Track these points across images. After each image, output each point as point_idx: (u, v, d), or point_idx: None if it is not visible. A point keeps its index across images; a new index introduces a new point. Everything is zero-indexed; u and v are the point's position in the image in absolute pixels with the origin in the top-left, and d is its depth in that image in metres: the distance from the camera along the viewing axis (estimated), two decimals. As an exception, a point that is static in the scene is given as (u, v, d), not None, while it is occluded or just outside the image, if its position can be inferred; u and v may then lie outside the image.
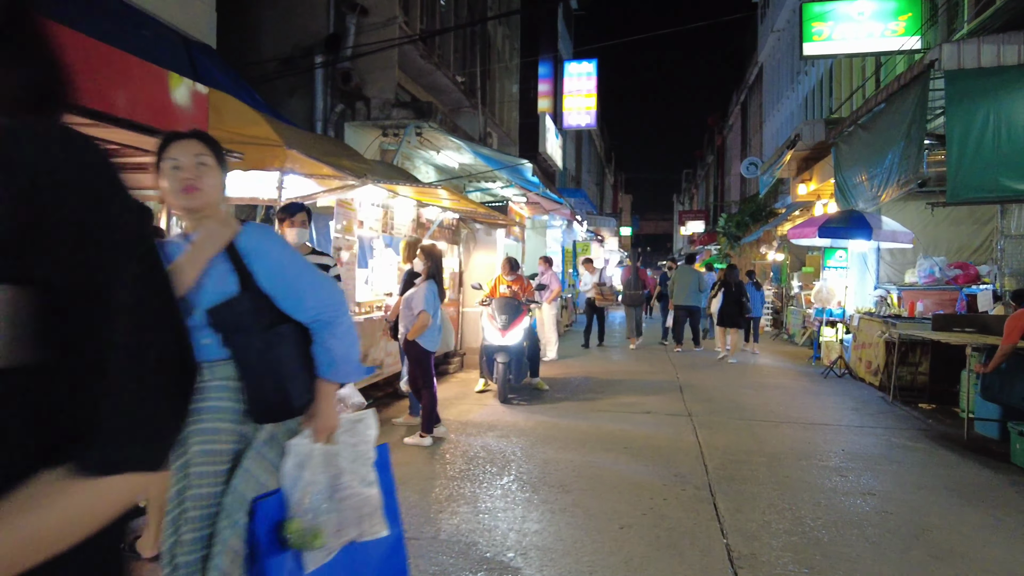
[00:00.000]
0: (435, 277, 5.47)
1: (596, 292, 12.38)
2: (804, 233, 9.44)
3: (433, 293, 5.38)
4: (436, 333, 5.45)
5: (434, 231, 8.51)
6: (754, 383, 8.95)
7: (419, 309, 5.33)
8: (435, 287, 5.43)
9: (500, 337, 7.24)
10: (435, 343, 5.49)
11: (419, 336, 5.34)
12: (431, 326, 5.38)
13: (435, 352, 5.58)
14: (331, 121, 11.41)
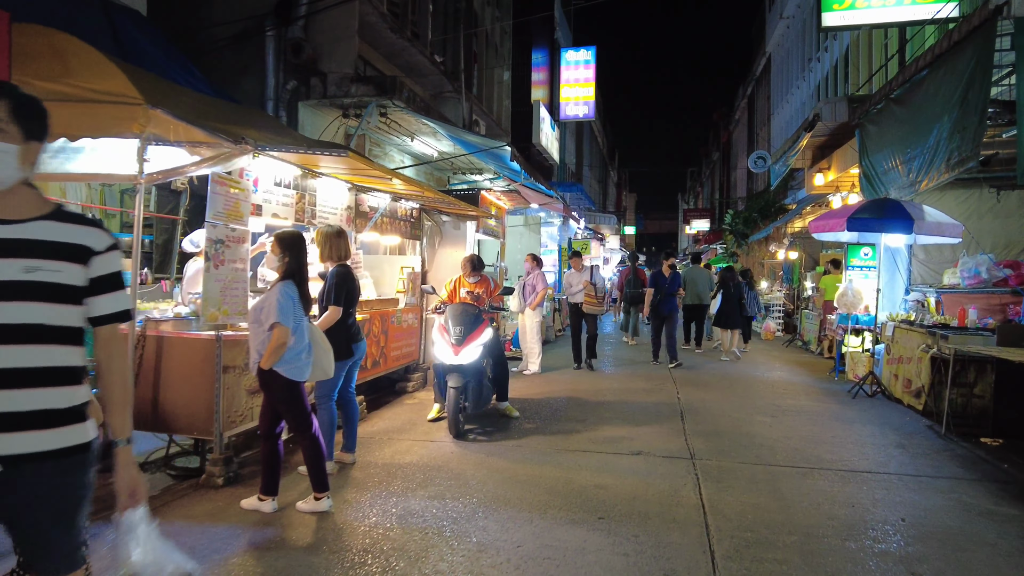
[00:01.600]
0: (295, 276, 3.96)
1: (586, 296, 9.85)
2: (829, 226, 7.95)
3: (290, 298, 3.85)
4: (303, 353, 3.95)
5: (378, 222, 7.03)
6: (770, 406, 7.44)
7: (271, 321, 3.78)
8: (293, 289, 3.90)
9: (452, 355, 5.75)
10: (303, 368, 3.96)
11: (277, 361, 3.83)
12: (294, 345, 3.87)
13: (305, 381, 4.04)
14: (283, 100, 9.99)
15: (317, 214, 5.70)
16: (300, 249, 3.99)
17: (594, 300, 9.93)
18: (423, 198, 7.14)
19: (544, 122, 22.01)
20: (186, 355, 4.54)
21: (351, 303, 4.66)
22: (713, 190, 58.94)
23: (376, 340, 7.00)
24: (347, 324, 4.66)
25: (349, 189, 6.31)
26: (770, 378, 9.52)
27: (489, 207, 9.11)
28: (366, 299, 7.01)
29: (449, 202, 7.08)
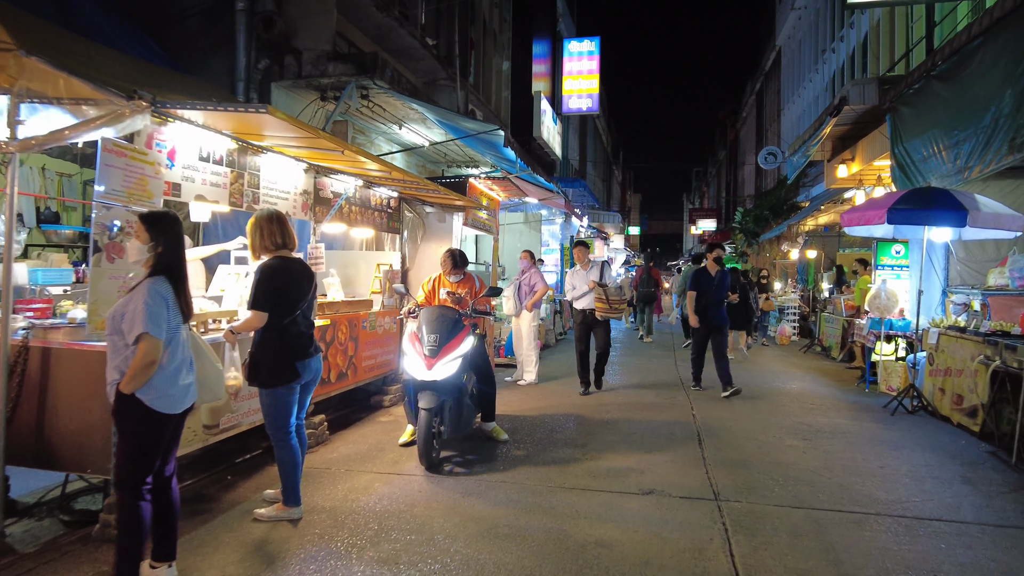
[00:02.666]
0: (170, 270, 2.95)
1: (597, 300, 7.55)
2: (866, 218, 6.95)
3: (161, 299, 2.85)
4: (179, 376, 2.94)
5: (347, 212, 6.05)
6: (799, 425, 6.44)
7: (135, 332, 2.77)
8: (165, 288, 2.90)
9: (424, 369, 4.76)
10: (174, 397, 2.92)
11: (142, 385, 2.80)
12: (166, 364, 2.88)
13: (175, 413, 2.96)
14: (254, 81, 9.02)
15: (261, 198, 4.72)
16: (174, 234, 2.99)
17: (605, 304, 7.52)
18: (398, 183, 6.15)
19: (546, 115, 21.02)
20: (77, 371, 3.57)
21: (289, 307, 3.67)
22: (719, 189, 57.86)
23: (343, 349, 6.03)
24: (288, 336, 3.67)
25: (307, 170, 5.33)
26: (793, 390, 8.51)
27: (479, 197, 8.11)
28: (330, 301, 6.04)
29: (428, 187, 6.08)
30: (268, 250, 3.74)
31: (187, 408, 3.02)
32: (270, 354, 3.63)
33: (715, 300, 8.03)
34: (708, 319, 7.98)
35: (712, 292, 8.04)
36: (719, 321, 8.07)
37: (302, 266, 3.86)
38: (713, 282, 8.08)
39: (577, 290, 7.89)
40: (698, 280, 8.13)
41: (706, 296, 8.01)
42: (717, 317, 8.06)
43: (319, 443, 5.47)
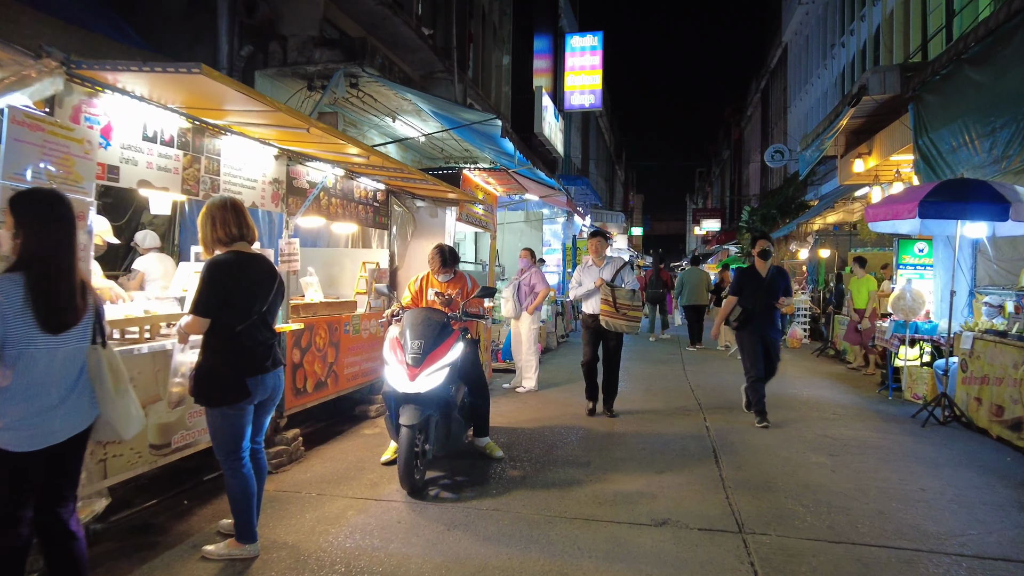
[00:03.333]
0: (29, 266, 2.33)
1: (603, 299, 6.27)
2: (894, 212, 6.38)
3: (9, 303, 2.27)
4: (25, 403, 2.29)
5: (328, 204, 5.48)
6: (824, 439, 5.86)
7: None
8: (16, 289, 2.29)
9: (407, 380, 4.19)
10: (24, 428, 2.29)
11: None
12: (11, 390, 2.27)
13: (34, 450, 2.30)
14: (237, 69, 8.49)
15: (222, 186, 4.17)
16: (44, 218, 2.38)
17: (611, 307, 6.19)
18: (382, 171, 5.59)
19: (547, 111, 20.48)
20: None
21: (241, 311, 3.10)
22: (723, 189, 57.27)
23: (321, 355, 5.47)
24: (239, 346, 3.11)
25: (278, 156, 4.78)
26: (811, 398, 7.93)
27: (474, 190, 7.55)
28: (307, 302, 5.48)
29: (415, 176, 5.51)
30: (221, 243, 3.18)
31: (68, 440, 2.41)
32: (216, 367, 3.06)
33: (764, 307, 6.28)
34: (760, 331, 6.33)
35: (761, 297, 6.24)
36: (774, 335, 6.42)
37: (262, 263, 3.30)
38: (763, 284, 6.27)
39: (583, 288, 6.50)
40: (743, 282, 6.43)
41: (753, 302, 6.25)
42: (772, 329, 6.40)
43: (292, 461, 4.92)
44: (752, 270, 6.49)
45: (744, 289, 6.37)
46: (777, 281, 6.35)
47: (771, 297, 6.30)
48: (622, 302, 6.22)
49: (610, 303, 6.22)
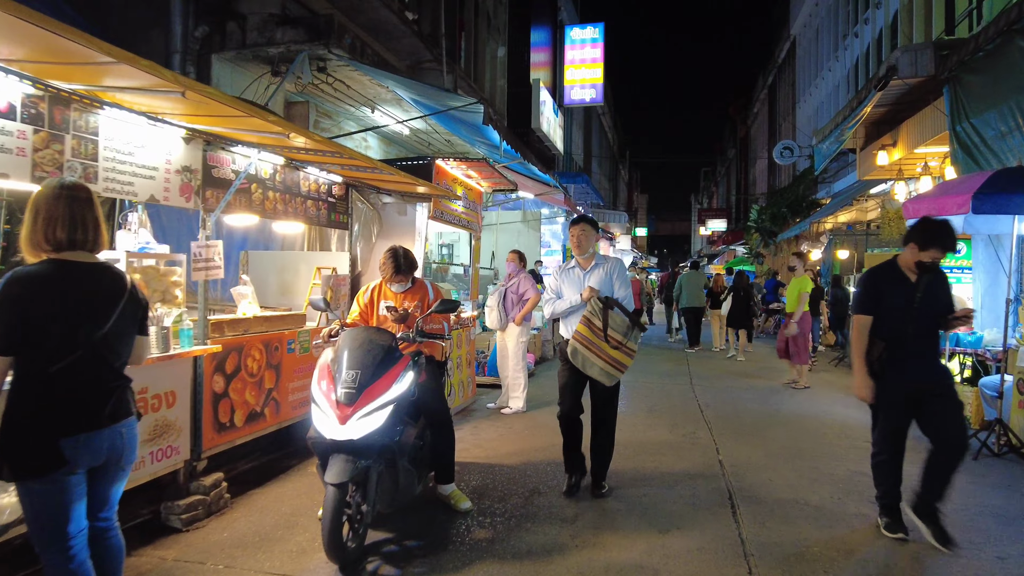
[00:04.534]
0: None
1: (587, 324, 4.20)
2: (939, 207, 5.41)
3: None
4: None
5: (265, 199, 4.53)
6: (862, 478, 4.88)
7: None
8: None
9: (336, 423, 3.24)
10: None
11: None
12: None
13: None
14: (191, 52, 7.57)
15: (102, 174, 3.23)
16: None
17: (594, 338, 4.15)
18: (328, 159, 4.64)
19: (545, 105, 19.51)
20: None
21: (57, 345, 2.14)
22: (729, 189, 56.23)
23: (255, 381, 4.54)
24: (47, 395, 2.15)
25: (188, 139, 3.84)
26: (836, 419, 6.95)
27: (451, 184, 6.59)
28: (235, 318, 4.54)
29: (363, 164, 4.55)
30: (42, 248, 2.24)
31: None
32: (11, 425, 2.13)
33: (917, 333, 3.70)
34: (901, 377, 3.73)
35: (912, 316, 3.68)
36: (929, 378, 3.76)
37: (100, 276, 2.32)
38: (914, 296, 3.69)
39: (564, 301, 4.46)
40: (876, 290, 3.80)
41: (897, 324, 3.70)
42: (924, 372, 3.74)
43: (211, 513, 3.98)
44: (895, 271, 3.80)
45: (884, 302, 3.76)
46: (935, 290, 3.73)
47: (929, 315, 3.72)
48: (615, 333, 4.12)
49: (596, 329, 4.14)
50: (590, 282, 4.42)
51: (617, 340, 4.15)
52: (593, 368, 4.17)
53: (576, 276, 4.53)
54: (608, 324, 4.16)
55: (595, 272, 4.48)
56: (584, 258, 4.54)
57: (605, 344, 4.13)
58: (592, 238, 4.53)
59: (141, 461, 3.60)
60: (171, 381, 3.82)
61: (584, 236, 4.49)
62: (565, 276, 4.59)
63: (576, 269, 4.55)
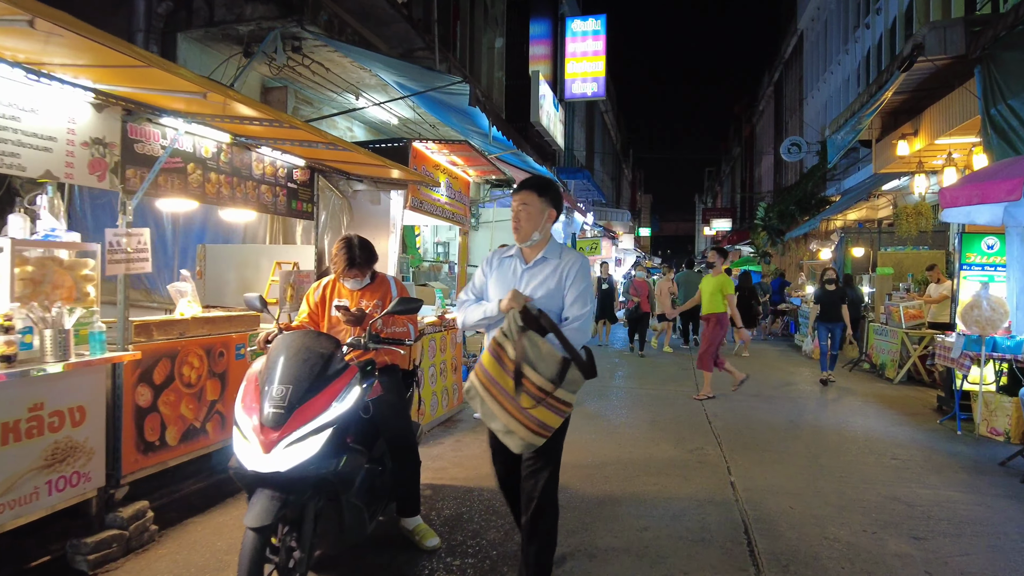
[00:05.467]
0: None
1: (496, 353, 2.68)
2: (984, 193, 4.75)
3: None
4: None
5: (205, 181, 3.89)
6: (895, 505, 4.23)
7: None
8: None
9: (259, 451, 2.60)
10: None
11: None
12: None
13: None
14: (155, 30, 6.96)
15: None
16: None
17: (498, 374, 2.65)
18: (278, 132, 4.00)
19: (545, 99, 18.88)
20: None
21: None
22: (734, 188, 55.52)
23: (194, 393, 3.91)
24: None
25: (99, 104, 3.20)
26: (858, 432, 6.29)
27: (432, 170, 5.95)
28: (169, 319, 3.91)
29: (320, 140, 3.91)
30: None
31: None
32: None
33: None
34: None
35: None
36: None
37: None
38: None
39: (478, 308, 2.96)
40: None
41: None
42: None
43: (130, 551, 3.35)
44: None
45: None
46: None
47: None
48: (535, 374, 2.58)
49: (506, 363, 2.64)
50: (526, 284, 2.86)
51: (536, 387, 2.56)
52: (495, 423, 2.64)
53: (511, 272, 2.93)
54: (526, 358, 2.58)
55: (540, 270, 2.88)
56: (528, 246, 2.92)
57: (521, 394, 2.58)
58: (540, 216, 2.87)
59: (34, 492, 2.97)
60: (78, 394, 3.19)
61: (527, 212, 2.87)
62: (497, 269, 3.00)
63: (514, 261, 2.95)
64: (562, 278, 2.84)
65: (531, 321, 2.64)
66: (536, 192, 2.89)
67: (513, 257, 2.98)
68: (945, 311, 9.22)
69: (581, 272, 2.86)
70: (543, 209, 2.89)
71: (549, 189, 2.93)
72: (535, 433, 2.60)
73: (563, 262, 2.88)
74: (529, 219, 2.88)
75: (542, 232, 2.91)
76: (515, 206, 2.92)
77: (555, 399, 2.59)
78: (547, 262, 2.90)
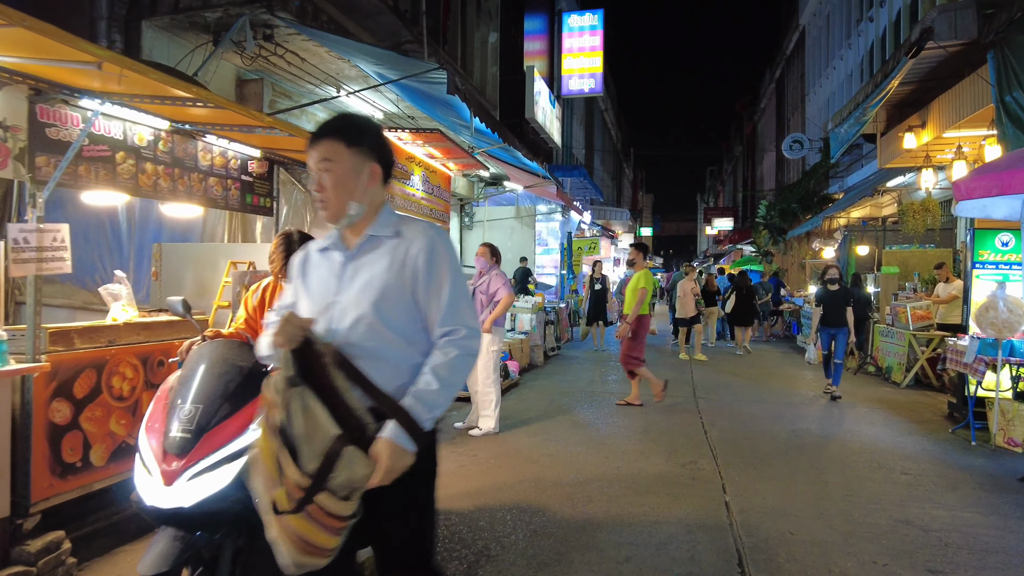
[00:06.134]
0: None
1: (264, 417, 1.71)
2: (1006, 184, 4.31)
3: None
4: None
5: (116, 171, 3.50)
6: (908, 529, 3.82)
7: None
8: None
9: (159, 483, 2.19)
10: None
11: None
12: None
13: None
14: (117, 17, 6.60)
15: None
16: None
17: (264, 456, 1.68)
18: (217, 118, 3.59)
19: (541, 95, 18.47)
20: None
21: None
22: (736, 187, 55.04)
23: (125, 407, 3.50)
24: None
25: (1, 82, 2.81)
26: (864, 442, 5.87)
27: (404, 163, 5.54)
28: (97, 325, 3.51)
29: (253, 123, 3.51)
30: None
31: None
32: None
33: None
34: None
35: None
36: None
37: None
38: None
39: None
40: None
41: None
42: None
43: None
44: None
45: None
46: None
47: None
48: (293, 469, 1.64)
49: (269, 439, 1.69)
50: (350, 282, 1.84)
51: (293, 481, 1.63)
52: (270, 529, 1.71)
53: (330, 269, 1.90)
54: (286, 431, 1.66)
55: (370, 258, 1.85)
56: (346, 226, 1.88)
57: (279, 488, 1.65)
58: (356, 176, 1.83)
59: (-85, 528, 2.56)
60: (-26, 413, 2.79)
61: (332, 175, 1.82)
62: (313, 270, 1.95)
63: (333, 253, 1.91)
64: (408, 268, 1.79)
65: (313, 366, 1.68)
66: (344, 141, 1.81)
67: (330, 249, 1.90)
68: (954, 312, 8.80)
69: (437, 256, 1.80)
70: (359, 165, 1.82)
71: (364, 134, 1.86)
72: (301, 551, 1.66)
73: (405, 241, 1.82)
74: (339, 184, 1.80)
75: (365, 200, 1.83)
76: (313, 167, 1.83)
77: (318, 507, 1.61)
78: (379, 243, 1.84)
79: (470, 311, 1.88)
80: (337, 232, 1.90)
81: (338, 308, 1.83)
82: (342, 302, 1.82)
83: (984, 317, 5.80)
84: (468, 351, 1.82)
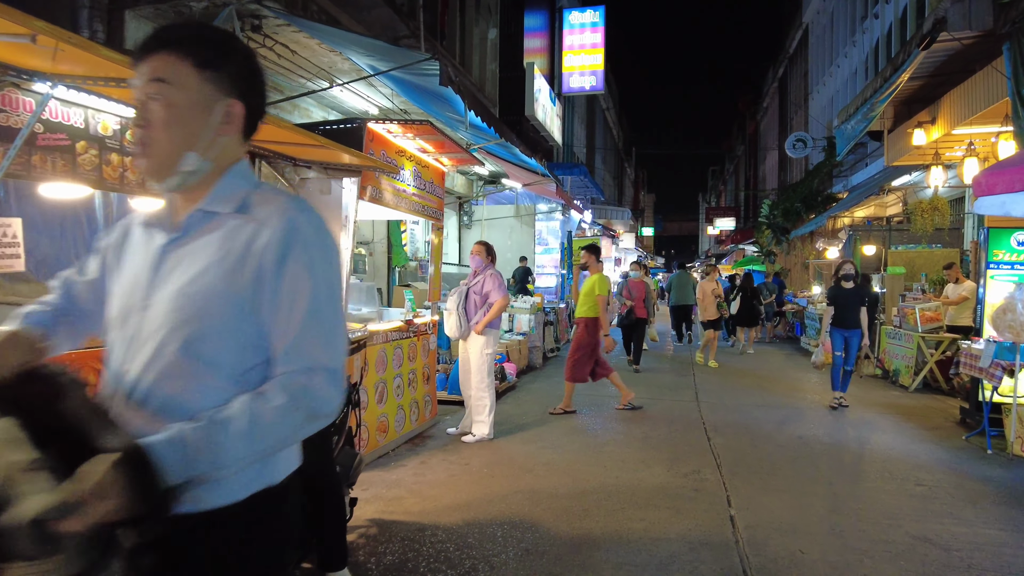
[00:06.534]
0: None
1: None
2: None
3: None
4: None
5: (77, 162, 3.25)
6: (930, 551, 3.56)
7: None
8: None
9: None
10: None
11: None
12: None
13: None
14: (99, 7, 6.36)
15: None
16: None
17: None
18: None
19: (541, 93, 18.23)
20: None
21: None
22: (738, 186, 54.77)
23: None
24: None
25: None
26: (875, 450, 5.62)
27: (394, 157, 5.29)
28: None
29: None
30: None
31: None
32: None
33: None
34: None
35: None
36: None
37: None
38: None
39: None
40: None
41: None
42: None
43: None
44: None
45: None
46: None
47: None
48: None
49: None
50: (168, 277, 1.19)
51: None
52: None
53: (143, 252, 1.26)
54: None
55: (200, 245, 1.19)
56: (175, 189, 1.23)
57: None
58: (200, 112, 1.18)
59: None
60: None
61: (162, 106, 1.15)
62: (129, 252, 1.30)
63: (156, 233, 1.26)
64: (249, 266, 1.15)
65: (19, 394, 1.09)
66: (191, 59, 1.17)
67: (154, 225, 1.27)
68: (964, 313, 8.54)
69: (296, 249, 1.17)
70: (210, 98, 1.19)
71: (225, 53, 1.22)
72: None
73: (252, 223, 1.18)
74: (173, 122, 1.17)
75: (211, 153, 1.21)
76: (137, 93, 1.18)
77: None
78: (214, 224, 1.21)
79: (334, 341, 1.17)
80: (167, 200, 1.26)
81: (139, 326, 1.17)
82: (148, 318, 1.16)
83: (1001, 320, 5.54)
84: (306, 407, 1.11)
